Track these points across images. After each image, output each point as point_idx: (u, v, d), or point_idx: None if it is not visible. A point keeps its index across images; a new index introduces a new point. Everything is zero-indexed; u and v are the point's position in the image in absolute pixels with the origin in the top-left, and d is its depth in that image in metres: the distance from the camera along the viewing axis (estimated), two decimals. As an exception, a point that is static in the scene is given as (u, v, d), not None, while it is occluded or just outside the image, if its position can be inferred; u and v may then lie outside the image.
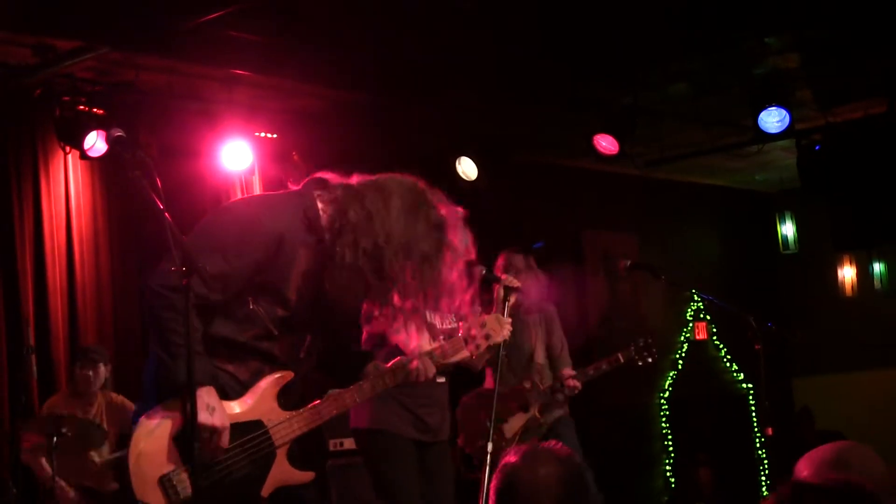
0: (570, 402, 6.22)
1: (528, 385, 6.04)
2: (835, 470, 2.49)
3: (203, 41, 6.21)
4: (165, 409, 2.95)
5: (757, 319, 5.66)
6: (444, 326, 4.90)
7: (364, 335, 4.70)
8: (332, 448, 6.26)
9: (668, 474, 10.09)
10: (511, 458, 2.61)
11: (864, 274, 11.25)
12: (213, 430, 2.91)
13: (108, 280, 7.17)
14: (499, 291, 4.91)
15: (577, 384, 5.99)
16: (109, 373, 6.47)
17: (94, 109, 6.56)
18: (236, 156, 7.14)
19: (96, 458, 6.32)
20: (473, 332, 3.53)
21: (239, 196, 7.18)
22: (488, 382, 6.12)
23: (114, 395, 6.53)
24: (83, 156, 6.63)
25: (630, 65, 7.23)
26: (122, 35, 6.05)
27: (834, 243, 9.69)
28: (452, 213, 3.25)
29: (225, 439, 2.94)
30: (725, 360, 10.52)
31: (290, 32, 6.27)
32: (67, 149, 6.74)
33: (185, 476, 2.92)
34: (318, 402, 3.22)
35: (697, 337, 10.45)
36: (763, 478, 10.00)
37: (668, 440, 10.15)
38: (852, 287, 11.37)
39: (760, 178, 10.99)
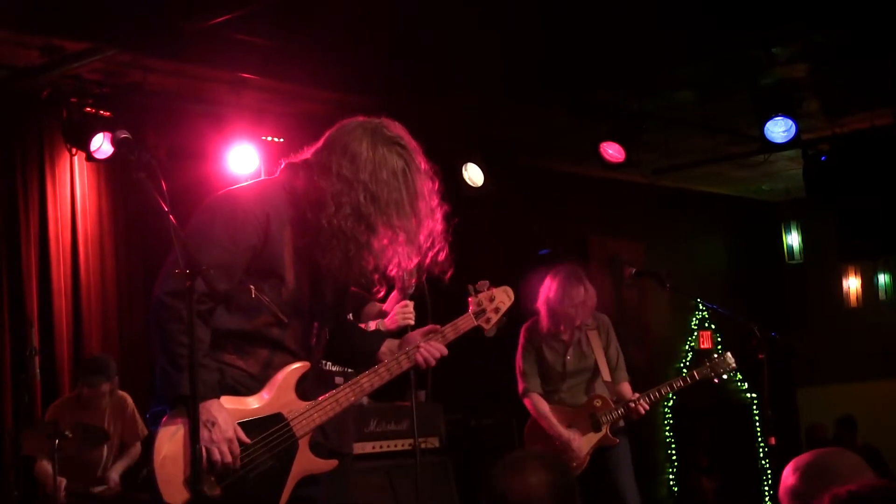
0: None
1: (598, 403, 5.82)
2: (823, 478, 2.47)
3: (211, 44, 6.22)
4: (184, 414, 2.95)
5: (761, 329, 5.65)
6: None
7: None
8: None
9: (671, 482, 10.08)
10: (499, 464, 2.61)
11: (868, 285, 11.25)
12: (210, 445, 2.92)
13: (112, 282, 7.17)
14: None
15: (646, 407, 5.75)
16: (115, 383, 6.45)
17: (101, 112, 6.57)
18: (243, 159, 7.15)
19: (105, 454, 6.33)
20: (485, 304, 3.50)
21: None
22: (531, 405, 5.93)
23: (119, 392, 6.52)
24: (89, 158, 6.64)
25: (636, 70, 7.24)
26: (130, 37, 6.06)
27: (840, 254, 9.68)
28: (403, 131, 3.19)
29: (225, 450, 2.94)
30: (729, 369, 10.50)
31: (297, 36, 6.29)
32: (74, 150, 6.75)
33: (211, 477, 2.93)
34: (336, 389, 3.21)
35: (702, 346, 10.45)
36: (766, 487, 9.98)
37: (672, 448, 10.14)
38: (857, 298, 11.37)
39: (766, 187, 10.99)
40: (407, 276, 3.52)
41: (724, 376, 5.91)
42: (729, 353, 5.91)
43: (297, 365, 3.15)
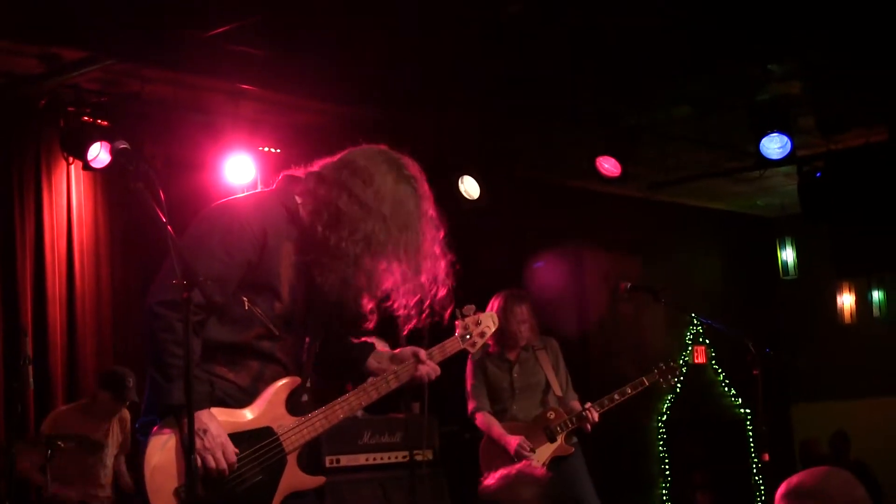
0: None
1: (551, 415, 5.94)
2: (815, 496, 2.48)
3: (208, 54, 6.23)
4: (173, 424, 2.95)
5: (756, 344, 5.66)
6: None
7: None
8: (328, 464, 6.24)
9: (664, 497, 10.06)
10: (490, 482, 2.62)
11: (862, 301, 11.26)
12: (204, 452, 2.92)
13: (108, 291, 7.16)
14: None
15: (596, 416, 5.87)
16: None
17: (99, 121, 6.57)
18: (239, 169, 7.15)
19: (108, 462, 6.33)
20: (471, 328, 3.57)
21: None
22: (480, 421, 6.03)
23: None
24: (86, 167, 6.64)
25: (634, 84, 7.26)
26: (129, 46, 6.08)
27: (835, 270, 9.70)
28: (420, 173, 3.23)
29: (220, 456, 2.94)
30: (724, 384, 10.52)
31: (295, 47, 6.30)
32: (70, 159, 6.76)
33: (199, 486, 2.93)
34: (326, 406, 3.22)
35: (696, 360, 10.45)
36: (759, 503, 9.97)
37: (665, 463, 10.13)
38: (851, 314, 11.38)
39: (762, 202, 11.02)
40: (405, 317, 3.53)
41: (673, 381, 6.15)
42: (675, 362, 6.19)
43: (287, 380, 3.15)
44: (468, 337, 3.57)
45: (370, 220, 3.08)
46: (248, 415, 3.08)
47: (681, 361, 10.40)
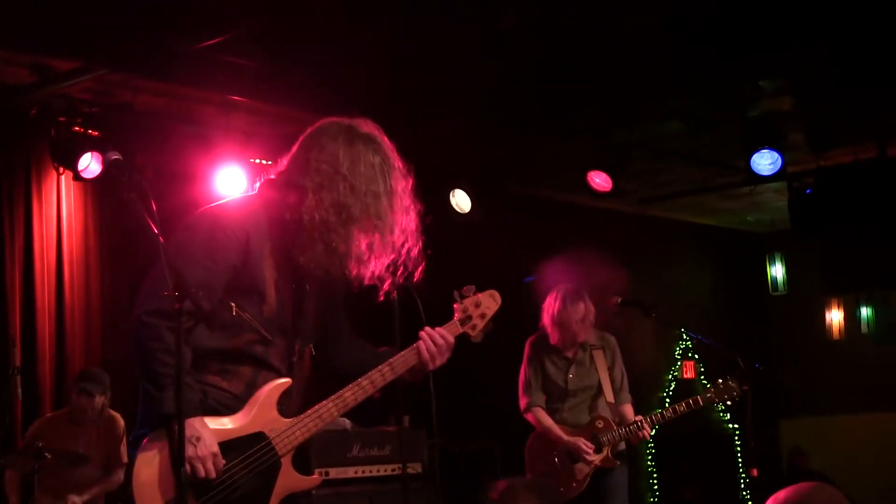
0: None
1: (600, 424, 5.77)
2: None
3: (200, 66, 6.23)
4: (163, 437, 2.94)
5: (745, 360, 5.66)
6: None
7: None
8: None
9: (652, 513, 10.06)
10: (492, 494, 2.62)
11: (851, 318, 11.31)
12: (195, 461, 2.91)
13: (97, 302, 7.14)
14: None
15: (650, 431, 5.67)
16: (108, 399, 6.41)
17: (90, 131, 6.56)
18: (231, 181, 7.14)
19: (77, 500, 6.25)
20: (471, 311, 3.41)
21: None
22: (533, 418, 5.89)
23: (110, 411, 6.49)
24: (77, 177, 6.62)
25: (625, 100, 7.28)
26: (121, 57, 6.07)
27: (824, 286, 9.73)
28: (377, 129, 3.26)
29: (210, 466, 2.94)
30: (712, 399, 10.51)
31: (287, 59, 6.31)
32: (61, 169, 6.74)
33: (190, 500, 2.92)
34: (318, 405, 3.19)
35: (685, 375, 10.46)
36: (748, 519, 9.98)
37: (654, 478, 10.13)
38: (839, 330, 11.42)
39: (752, 218, 11.06)
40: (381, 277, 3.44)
41: (728, 402, 5.78)
42: (732, 380, 5.77)
43: (277, 382, 3.14)
44: (468, 320, 3.39)
45: (332, 186, 3.10)
46: (239, 421, 3.07)
47: (670, 376, 10.41)
